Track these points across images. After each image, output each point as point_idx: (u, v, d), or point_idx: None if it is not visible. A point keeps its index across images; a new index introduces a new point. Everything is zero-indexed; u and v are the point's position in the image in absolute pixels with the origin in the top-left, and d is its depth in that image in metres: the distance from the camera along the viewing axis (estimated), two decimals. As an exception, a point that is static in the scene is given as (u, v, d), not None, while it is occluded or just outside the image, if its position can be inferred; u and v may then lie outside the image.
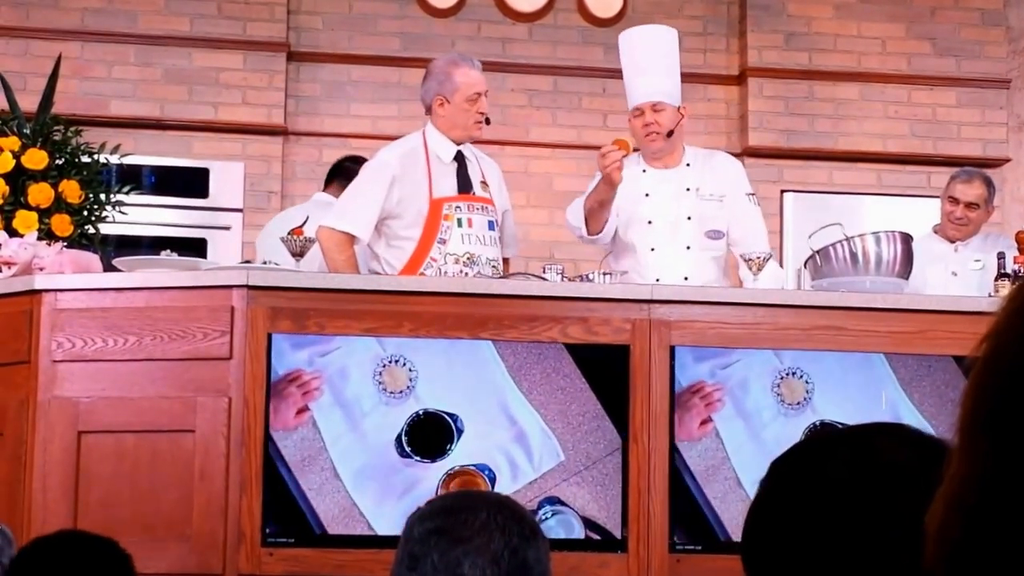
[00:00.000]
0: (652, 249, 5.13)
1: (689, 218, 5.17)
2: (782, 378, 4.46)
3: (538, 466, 4.36)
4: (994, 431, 0.94)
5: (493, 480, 4.29)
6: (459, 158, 5.14)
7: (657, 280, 4.96)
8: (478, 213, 5.09)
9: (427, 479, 4.26)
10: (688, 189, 5.21)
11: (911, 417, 4.41)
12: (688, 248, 5.13)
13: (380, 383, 4.31)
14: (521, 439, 4.36)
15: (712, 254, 5.18)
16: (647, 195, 5.20)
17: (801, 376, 4.47)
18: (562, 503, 4.37)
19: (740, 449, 4.41)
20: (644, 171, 5.23)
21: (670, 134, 5.18)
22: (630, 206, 5.15)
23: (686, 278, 5.01)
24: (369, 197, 5.02)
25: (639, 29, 5.40)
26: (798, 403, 4.45)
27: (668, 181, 5.22)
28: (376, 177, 5.05)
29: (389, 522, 4.19)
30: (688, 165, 5.27)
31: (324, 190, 6.28)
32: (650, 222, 5.16)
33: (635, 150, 5.15)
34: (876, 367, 4.47)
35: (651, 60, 5.22)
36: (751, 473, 4.38)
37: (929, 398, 4.49)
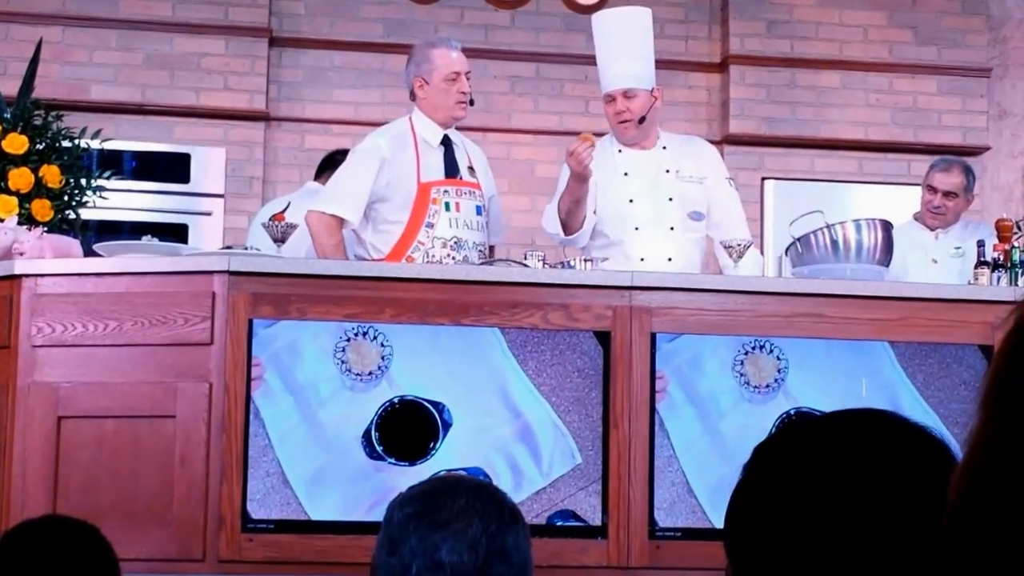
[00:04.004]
0: (636, 228, 5.10)
1: (671, 199, 5.14)
2: (747, 353, 3.89)
3: (548, 471, 3.71)
4: (995, 403, 1.02)
5: None
6: (446, 142, 5.14)
7: (642, 259, 4.97)
8: (466, 197, 5.08)
9: (404, 488, 3.66)
10: (668, 171, 5.17)
11: (908, 396, 4.00)
12: (672, 229, 5.11)
13: (343, 362, 3.70)
14: (526, 436, 3.71)
15: (694, 235, 5.17)
16: (626, 174, 5.16)
17: (772, 351, 3.89)
18: (578, 518, 3.72)
19: (692, 445, 3.78)
20: (620, 151, 5.18)
21: (642, 120, 5.13)
22: (608, 185, 5.10)
23: (670, 259, 5.02)
24: (358, 180, 5.00)
25: (611, 12, 5.33)
26: (767, 385, 3.85)
27: (646, 162, 5.19)
28: (365, 160, 5.04)
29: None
30: (664, 148, 5.24)
31: (315, 180, 6.28)
32: (631, 201, 5.13)
33: (598, 134, 5.08)
34: (866, 343, 3.99)
35: (622, 45, 5.14)
36: (704, 476, 3.71)
37: (937, 380, 3.94)
